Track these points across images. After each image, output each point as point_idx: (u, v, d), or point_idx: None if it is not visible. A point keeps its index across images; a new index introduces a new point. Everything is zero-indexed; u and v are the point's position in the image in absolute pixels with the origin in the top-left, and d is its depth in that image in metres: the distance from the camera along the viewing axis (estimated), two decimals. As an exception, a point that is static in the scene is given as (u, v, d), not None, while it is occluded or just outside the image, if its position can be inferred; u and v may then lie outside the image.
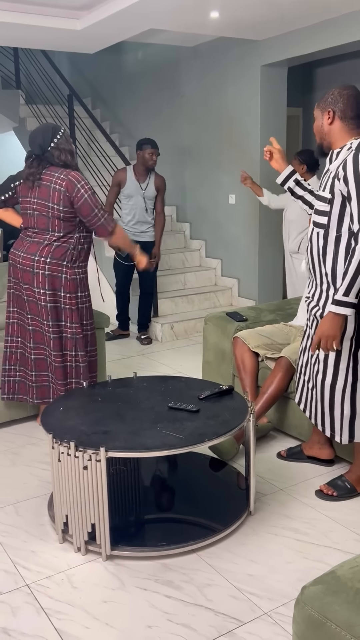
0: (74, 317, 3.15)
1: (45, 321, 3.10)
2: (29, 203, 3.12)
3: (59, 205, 3.02)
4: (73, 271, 3.13)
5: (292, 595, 2.06)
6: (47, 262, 3.05)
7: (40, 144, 3.04)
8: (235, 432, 2.34)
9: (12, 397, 3.29)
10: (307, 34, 4.81)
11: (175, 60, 6.27)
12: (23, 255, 3.10)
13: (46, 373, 3.18)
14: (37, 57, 7.54)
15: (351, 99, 2.39)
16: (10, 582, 2.15)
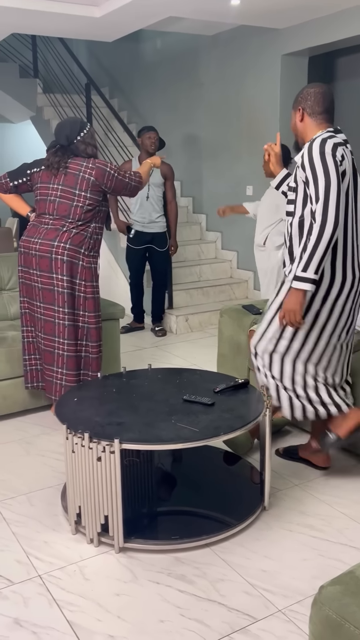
0: (88, 306, 3.14)
1: (61, 308, 3.08)
2: (49, 189, 3.11)
3: (86, 193, 3.05)
4: (89, 259, 3.12)
5: (307, 592, 2.03)
6: (66, 247, 3.04)
7: (67, 135, 3.10)
8: (251, 426, 2.31)
9: (36, 385, 3.28)
10: (329, 22, 4.72)
11: (194, 49, 6.20)
12: (40, 241, 3.08)
13: (51, 367, 3.16)
14: (55, 45, 7.51)
15: (318, 95, 2.50)
16: (22, 572, 2.14)
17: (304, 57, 5.31)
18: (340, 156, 2.37)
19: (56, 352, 3.13)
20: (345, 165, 2.38)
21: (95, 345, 3.18)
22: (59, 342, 3.12)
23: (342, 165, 2.37)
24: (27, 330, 3.25)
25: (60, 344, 3.12)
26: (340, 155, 2.37)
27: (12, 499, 2.61)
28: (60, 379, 3.14)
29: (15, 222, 7.10)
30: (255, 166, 5.65)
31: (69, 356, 3.12)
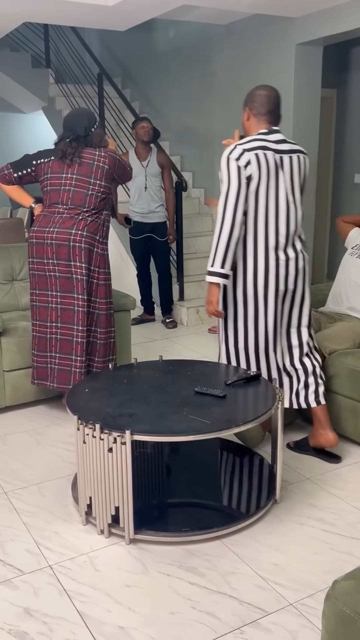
0: (100, 293, 3.16)
1: (80, 295, 3.09)
2: (62, 179, 3.12)
3: (100, 181, 3.11)
4: (102, 246, 3.16)
5: (319, 586, 2.01)
6: (84, 235, 3.07)
7: (86, 127, 3.16)
8: (263, 419, 2.29)
9: (38, 382, 3.28)
10: (344, 11, 4.65)
11: (207, 38, 6.14)
12: (57, 230, 3.08)
13: (69, 356, 3.15)
14: (68, 35, 7.47)
15: (263, 98, 2.69)
16: (33, 562, 2.14)
17: (318, 46, 5.23)
18: (247, 161, 2.56)
19: (74, 340, 3.14)
20: (251, 169, 2.56)
21: (104, 331, 3.18)
22: (77, 330, 3.13)
23: (246, 170, 2.56)
24: (33, 324, 3.23)
25: (79, 332, 3.13)
26: (247, 161, 2.56)
27: (23, 489, 2.61)
28: (79, 367, 3.16)
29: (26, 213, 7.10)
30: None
31: (86, 342, 3.14)
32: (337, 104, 6.35)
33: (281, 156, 2.65)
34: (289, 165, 2.67)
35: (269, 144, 2.63)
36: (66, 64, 7.48)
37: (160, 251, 5.06)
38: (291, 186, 2.68)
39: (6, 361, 3.31)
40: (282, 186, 2.65)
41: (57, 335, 3.16)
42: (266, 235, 2.64)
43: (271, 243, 2.65)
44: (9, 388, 3.35)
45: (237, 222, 2.56)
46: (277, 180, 2.64)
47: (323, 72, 5.49)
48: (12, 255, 3.86)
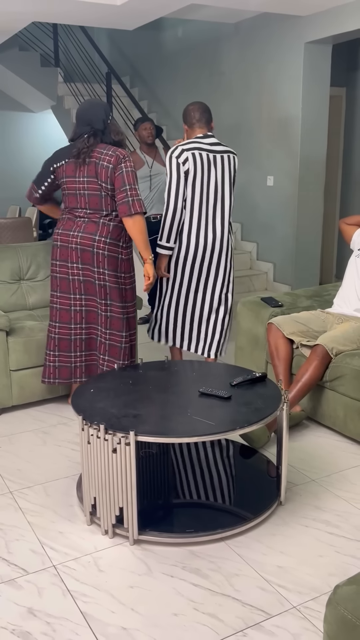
0: (128, 297, 3.21)
1: (103, 300, 3.11)
2: (77, 183, 3.07)
3: (106, 184, 3.02)
4: (127, 251, 3.17)
5: (323, 589, 2.01)
6: (107, 242, 3.06)
7: (104, 119, 3.06)
8: (268, 420, 2.28)
9: (52, 381, 3.29)
10: (353, 9, 4.62)
11: (215, 37, 6.13)
12: (81, 234, 3.07)
13: (94, 352, 3.22)
14: (77, 34, 7.48)
15: (190, 112, 3.36)
16: (37, 562, 2.15)
17: (327, 45, 5.21)
18: (185, 158, 3.22)
19: (99, 339, 3.19)
20: (189, 165, 3.22)
21: (128, 334, 3.22)
22: (102, 332, 3.18)
23: (184, 166, 3.22)
24: (51, 326, 3.25)
25: (103, 333, 3.17)
26: (185, 158, 3.23)
27: (29, 489, 2.62)
28: (102, 364, 3.20)
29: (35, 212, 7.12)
30: (276, 156, 5.58)
31: (111, 345, 3.18)
32: (346, 103, 6.32)
33: (214, 155, 3.30)
34: (221, 162, 3.33)
35: (203, 145, 3.29)
36: (75, 63, 7.49)
37: None
38: (222, 179, 3.34)
39: (13, 360, 3.32)
40: (213, 179, 3.31)
41: (82, 335, 3.20)
42: (199, 217, 3.31)
43: (202, 224, 3.32)
44: (16, 387, 3.36)
45: (178, 207, 3.25)
46: (209, 175, 3.30)
47: (332, 71, 5.46)
48: (19, 255, 3.87)
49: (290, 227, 5.57)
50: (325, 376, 3.03)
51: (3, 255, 3.83)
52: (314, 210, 5.49)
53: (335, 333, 3.10)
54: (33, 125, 9.02)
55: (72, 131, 3.15)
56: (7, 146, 8.91)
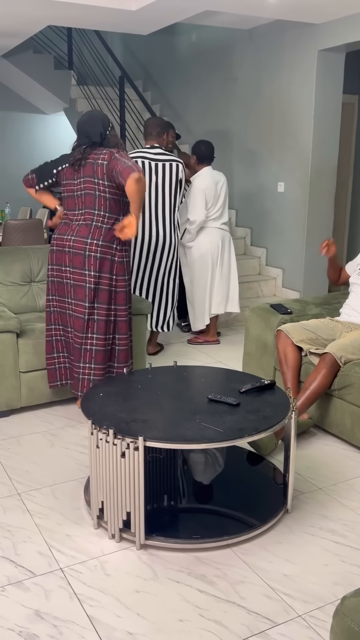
0: (119, 300, 3.17)
1: (91, 304, 3.10)
2: (74, 185, 3.14)
3: (103, 180, 3.05)
4: (121, 254, 3.15)
5: (328, 599, 2.01)
6: (99, 244, 3.07)
7: (101, 132, 3.12)
8: (276, 428, 2.29)
9: (64, 382, 3.32)
10: (368, 17, 4.63)
11: (229, 43, 6.15)
12: (74, 238, 3.10)
13: (78, 363, 3.18)
14: (91, 38, 7.52)
15: (147, 127, 4.12)
16: (44, 564, 2.17)
17: (340, 53, 5.22)
18: (140, 164, 3.97)
19: (83, 347, 3.15)
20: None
21: (124, 337, 3.21)
22: (85, 338, 3.14)
23: None
24: (55, 328, 3.28)
25: (89, 339, 3.14)
26: (140, 163, 3.98)
27: (36, 491, 2.64)
28: (88, 374, 3.17)
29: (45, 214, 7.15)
30: (287, 163, 5.59)
31: (97, 350, 3.15)
32: (358, 110, 6.33)
33: (156, 163, 3.82)
34: (162, 170, 3.98)
35: (147, 154, 4.00)
36: (88, 66, 7.54)
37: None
38: (162, 185, 4.00)
39: (22, 362, 3.34)
40: (154, 184, 3.88)
41: (70, 342, 3.20)
42: (147, 216, 4.04)
43: (146, 222, 4.05)
44: (25, 389, 3.38)
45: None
46: (151, 180, 3.89)
47: (345, 78, 5.47)
48: (30, 257, 3.90)
49: (300, 233, 5.57)
50: (333, 384, 3.03)
51: (14, 257, 3.85)
52: (324, 217, 5.49)
53: (344, 341, 3.11)
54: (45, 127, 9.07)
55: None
56: (19, 147, 8.95)
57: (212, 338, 4.74)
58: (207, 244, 4.53)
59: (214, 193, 4.45)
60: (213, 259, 4.56)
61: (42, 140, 9.03)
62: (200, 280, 4.60)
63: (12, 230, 5.72)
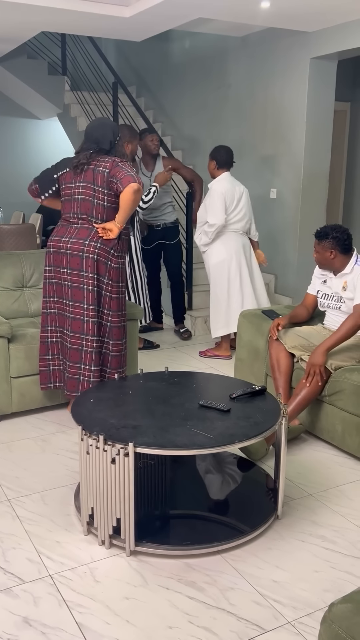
0: (113, 306, 3.18)
1: (90, 306, 3.11)
2: (72, 189, 3.15)
3: (102, 188, 3.07)
4: (117, 260, 3.17)
5: (317, 605, 2.01)
6: (97, 247, 3.08)
7: (112, 141, 3.15)
8: (267, 434, 2.29)
9: (58, 385, 3.32)
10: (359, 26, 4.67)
11: (222, 50, 6.18)
12: (72, 240, 3.11)
13: (78, 365, 3.18)
14: (84, 43, 7.54)
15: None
16: (33, 571, 2.16)
17: (332, 60, 5.25)
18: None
19: (84, 349, 3.16)
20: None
21: (116, 343, 3.21)
22: (87, 340, 3.15)
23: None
24: (51, 330, 3.27)
25: (88, 341, 3.15)
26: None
27: (26, 497, 2.63)
28: (88, 375, 3.17)
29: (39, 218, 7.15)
30: (280, 169, 5.61)
31: (96, 353, 3.16)
32: (350, 118, 6.37)
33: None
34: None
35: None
36: (82, 72, 7.55)
37: (172, 256, 5.03)
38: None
39: (14, 367, 3.33)
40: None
41: (69, 344, 3.19)
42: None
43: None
44: (16, 394, 3.37)
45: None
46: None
47: (337, 86, 5.51)
48: (22, 262, 3.89)
49: (292, 239, 5.59)
50: (324, 390, 3.04)
51: (6, 262, 3.85)
52: (316, 223, 5.51)
53: (335, 348, 3.12)
54: (39, 132, 9.07)
55: (79, 145, 3.22)
56: (12, 152, 8.95)
57: (224, 353, 4.57)
58: (223, 252, 4.41)
59: (232, 198, 4.37)
60: (231, 267, 4.43)
61: (35, 145, 9.03)
62: (216, 289, 4.49)
63: (5, 235, 5.71)
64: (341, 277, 3.20)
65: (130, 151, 4.36)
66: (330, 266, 3.21)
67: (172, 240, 5.00)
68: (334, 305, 3.27)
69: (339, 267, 3.18)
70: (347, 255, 3.17)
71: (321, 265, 3.25)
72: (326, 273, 3.30)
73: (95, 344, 3.14)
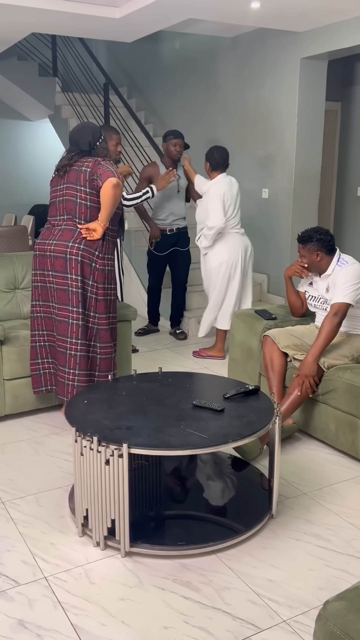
0: (99, 308, 3.15)
1: (75, 308, 3.10)
2: (57, 191, 3.18)
3: (85, 187, 3.07)
4: (102, 262, 3.14)
5: (313, 603, 2.02)
6: (80, 248, 3.07)
7: (90, 142, 3.15)
8: (261, 434, 2.30)
9: (50, 388, 3.31)
10: (349, 26, 4.68)
11: (213, 50, 6.19)
12: (55, 242, 3.11)
13: (63, 368, 3.17)
14: (75, 45, 7.53)
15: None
16: (28, 573, 2.15)
17: (323, 60, 5.27)
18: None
19: (68, 352, 3.14)
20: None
21: (105, 346, 3.19)
22: (71, 343, 3.13)
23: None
24: (39, 334, 3.27)
25: (73, 344, 3.12)
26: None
27: (21, 499, 2.62)
28: (73, 379, 3.15)
29: (31, 220, 7.14)
30: (271, 169, 5.63)
31: (81, 356, 3.13)
32: (340, 117, 6.39)
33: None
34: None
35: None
36: (73, 73, 7.54)
37: (182, 262, 5.00)
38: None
39: (6, 370, 3.33)
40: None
41: (57, 346, 3.19)
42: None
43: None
44: (9, 397, 3.36)
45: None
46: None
47: (327, 86, 5.52)
48: (15, 264, 3.88)
49: (284, 239, 5.61)
50: (317, 389, 3.05)
51: (-2, 264, 3.83)
52: (308, 223, 5.52)
53: (328, 347, 3.13)
54: (30, 134, 9.05)
55: None
56: (3, 154, 8.92)
57: (219, 354, 4.56)
58: (224, 254, 4.38)
59: (231, 199, 4.34)
60: (231, 268, 4.41)
61: (27, 147, 9.01)
62: (215, 291, 4.46)
63: (-3, 237, 5.69)
64: (325, 278, 3.23)
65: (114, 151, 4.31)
66: (318, 268, 3.23)
67: (185, 247, 4.99)
68: (320, 307, 3.29)
69: (325, 268, 3.21)
70: (331, 256, 3.20)
71: (309, 270, 3.27)
72: (312, 275, 3.32)
73: (80, 347, 3.12)
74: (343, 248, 6.58)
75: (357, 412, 2.86)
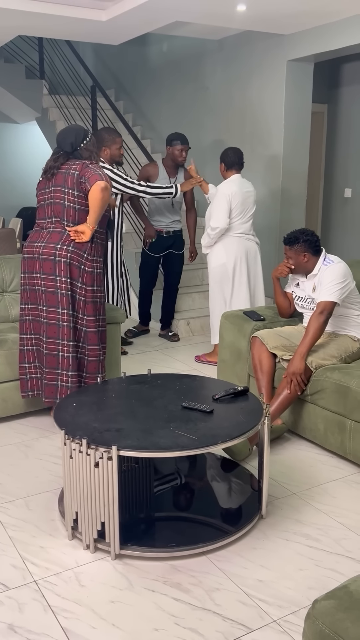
0: (88, 310, 3.15)
1: (65, 310, 3.09)
2: (45, 194, 3.18)
3: (73, 190, 3.07)
4: (91, 264, 3.14)
5: (302, 603, 2.02)
6: (69, 250, 3.07)
7: (72, 143, 3.14)
8: (249, 434, 2.30)
9: (36, 393, 3.30)
10: (335, 29, 4.72)
11: (200, 53, 6.21)
12: (44, 244, 3.10)
13: (55, 370, 3.16)
14: (62, 47, 7.52)
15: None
16: (18, 577, 2.14)
17: (309, 63, 5.30)
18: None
19: (60, 354, 3.13)
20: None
21: (92, 348, 3.19)
22: (63, 345, 3.12)
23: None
24: (27, 338, 3.26)
25: (65, 346, 3.12)
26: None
27: (10, 503, 2.61)
28: (66, 381, 3.15)
29: (19, 223, 7.11)
30: (259, 171, 5.65)
31: (73, 357, 3.13)
32: (327, 119, 6.43)
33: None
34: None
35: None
36: (60, 76, 7.53)
37: (176, 265, 5.00)
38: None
39: (-5, 373, 3.31)
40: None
41: (44, 350, 3.17)
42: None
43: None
44: (-2, 400, 3.35)
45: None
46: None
47: (314, 88, 5.56)
48: (3, 267, 3.87)
49: (272, 240, 5.63)
50: (306, 390, 3.06)
51: (-14, 268, 3.82)
52: (295, 224, 5.55)
53: (316, 347, 3.14)
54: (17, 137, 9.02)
55: None
56: (-9, 157, 8.89)
57: (216, 360, 4.39)
58: (223, 256, 4.30)
59: (240, 200, 4.26)
60: (230, 271, 4.32)
61: (14, 149, 8.98)
62: (214, 294, 4.40)
63: (-16, 240, 5.67)
64: (311, 279, 3.25)
65: (111, 155, 4.32)
66: (304, 269, 3.25)
67: (180, 250, 4.99)
68: (308, 307, 3.31)
69: (311, 268, 3.23)
70: (318, 257, 3.22)
71: (296, 271, 3.29)
72: (298, 276, 3.34)
73: (72, 349, 3.12)
74: (331, 249, 6.63)
75: (345, 412, 2.88)
